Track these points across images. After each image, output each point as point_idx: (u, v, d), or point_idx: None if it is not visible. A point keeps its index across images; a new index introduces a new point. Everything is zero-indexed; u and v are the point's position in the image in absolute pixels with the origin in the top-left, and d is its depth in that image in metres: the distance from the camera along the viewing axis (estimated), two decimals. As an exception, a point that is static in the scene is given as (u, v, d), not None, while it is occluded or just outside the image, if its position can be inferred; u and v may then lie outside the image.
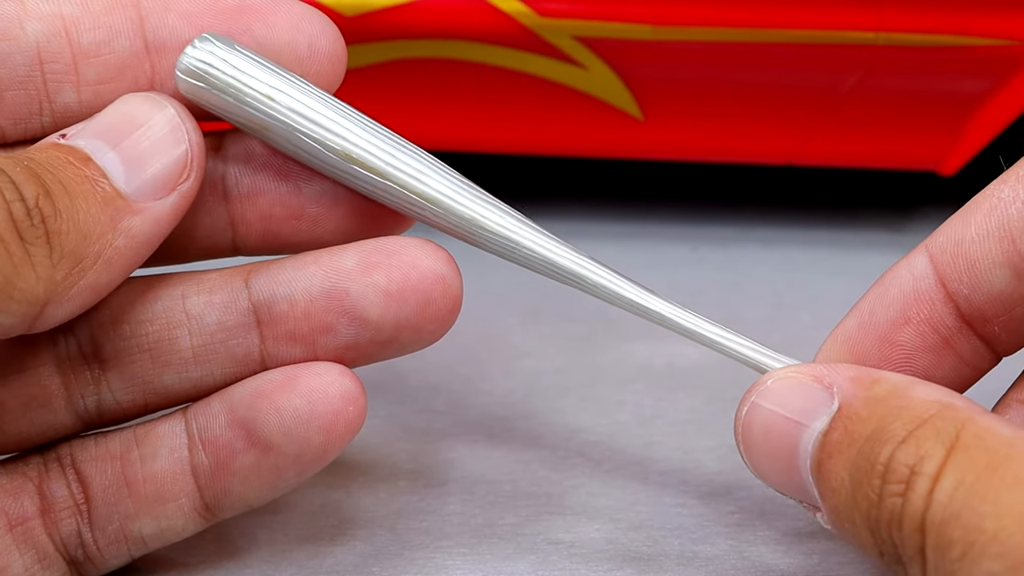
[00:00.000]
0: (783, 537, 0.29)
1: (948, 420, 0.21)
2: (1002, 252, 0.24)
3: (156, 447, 0.26)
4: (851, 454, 0.22)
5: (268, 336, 0.26)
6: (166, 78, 0.25)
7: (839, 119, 0.38)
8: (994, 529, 0.20)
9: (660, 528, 0.29)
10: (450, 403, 0.33)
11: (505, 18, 0.36)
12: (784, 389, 0.24)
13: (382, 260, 0.25)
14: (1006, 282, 0.25)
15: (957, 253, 0.25)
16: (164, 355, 0.26)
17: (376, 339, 0.26)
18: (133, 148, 0.24)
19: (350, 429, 0.25)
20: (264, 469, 0.26)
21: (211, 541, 0.28)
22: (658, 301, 0.26)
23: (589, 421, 0.33)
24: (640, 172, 0.44)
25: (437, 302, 0.25)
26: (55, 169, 0.23)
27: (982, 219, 0.25)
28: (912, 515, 0.21)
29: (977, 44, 0.36)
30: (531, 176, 0.44)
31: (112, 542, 0.26)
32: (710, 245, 0.41)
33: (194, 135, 0.25)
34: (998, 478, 0.20)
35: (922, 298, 0.25)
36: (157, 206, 0.24)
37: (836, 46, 0.36)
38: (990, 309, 0.25)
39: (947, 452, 0.21)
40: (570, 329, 0.36)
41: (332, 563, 0.28)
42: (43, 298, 0.22)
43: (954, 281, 0.25)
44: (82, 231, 0.23)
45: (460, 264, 0.26)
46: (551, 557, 0.28)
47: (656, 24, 0.36)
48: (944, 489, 0.20)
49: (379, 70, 0.37)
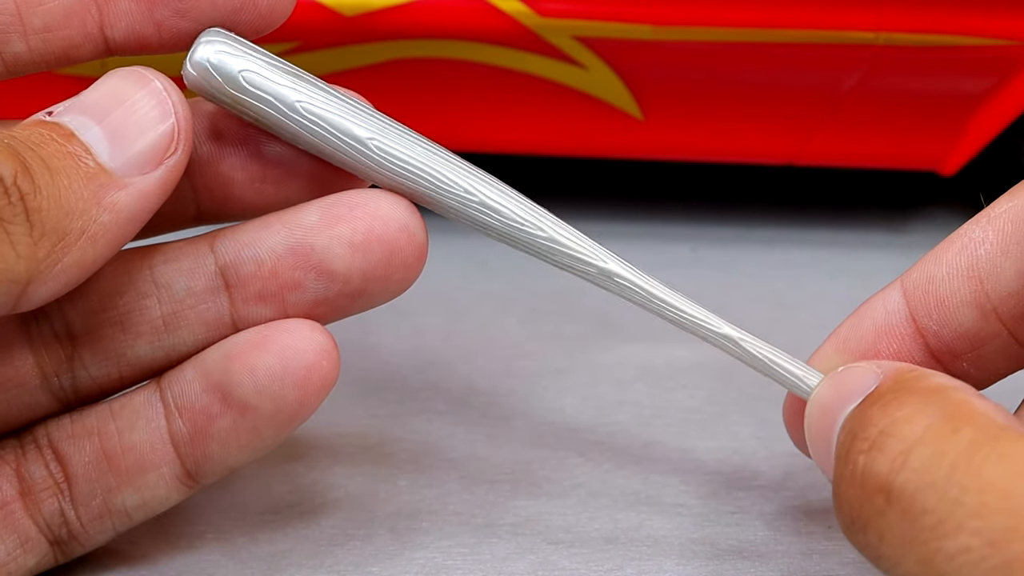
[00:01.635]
0: (783, 537, 0.29)
1: (940, 395, 0.21)
2: (970, 292, 0.25)
3: (133, 419, 0.26)
4: None
5: (237, 298, 0.26)
6: (115, 21, 0.25)
7: (839, 119, 0.38)
8: (975, 503, 0.19)
9: (660, 528, 0.29)
10: (450, 403, 0.33)
11: (505, 18, 0.36)
12: (844, 373, 0.24)
13: (345, 213, 0.25)
14: (973, 320, 0.25)
15: (928, 290, 0.26)
16: (135, 326, 0.26)
17: (345, 291, 0.26)
18: (118, 123, 0.24)
19: (324, 384, 0.25)
20: (242, 431, 0.26)
21: (211, 541, 0.28)
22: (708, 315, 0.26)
23: (589, 421, 0.33)
24: (640, 172, 0.44)
25: (403, 250, 0.25)
26: (36, 146, 0.23)
27: (952, 258, 0.25)
28: (875, 474, 0.21)
29: (977, 44, 0.36)
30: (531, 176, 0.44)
31: (96, 517, 0.26)
32: (710, 245, 0.41)
33: (181, 108, 0.24)
34: (983, 454, 0.20)
35: (893, 332, 0.26)
36: (143, 181, 0.24)
37: (836, 46, 0.36)
38: (958, 346, 0.26)
39: (929, 421, 0.21)
40: (570, 329, 0.36)
41: (332, 563, 0.28)
42: (25, 277, 0.22)
43: (924, 317, 0.26)
44: (64, 207, 0.23)
45: (460, 264, 0.26)
46: (551, 557, 0.28)
47: (656, 24, 0.36)
48: (921, 456, 0.20)
49: (379, 70, 0.37)
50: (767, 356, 0.26)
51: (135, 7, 0.25)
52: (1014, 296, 0.25)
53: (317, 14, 0.36)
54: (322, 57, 0.36)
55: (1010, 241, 0.25)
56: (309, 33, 0.36)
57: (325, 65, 0.36)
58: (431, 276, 0.37)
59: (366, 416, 0.33)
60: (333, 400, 0.33)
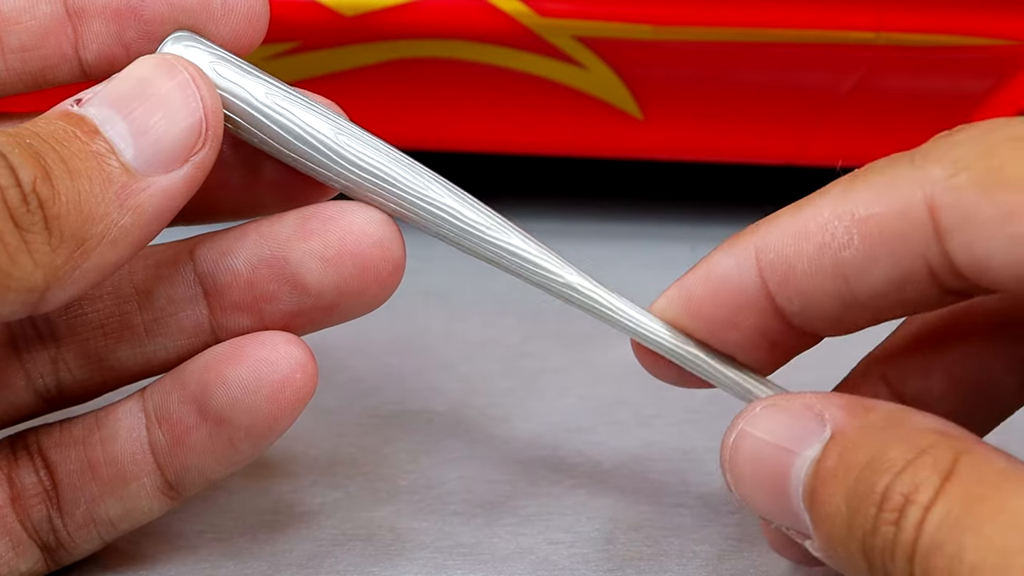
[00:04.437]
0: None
1: (945, 449, 0.21)
2: (835, 288, 0.24)
3: (115, 429, 0.26)
4: (848, 481, 0.22)
5: (216, 307, 0.26)
6: (88, 42, 0.25)
7: (839, 119, 0.38)
8: (975, 560, 0.19)
9: (660, 528, 0.29)
10: (450, 403, 0.33)
11: (505, 18, 0.36)
12: (773, 416, 0.24)
13: (318, 226, 0.25)
14: (836, 310, 0.24)
15: (788, 277, 0.24)
16: (116, 331, 0.26)
17: (319, 305, 0.26)
18: (144, 117, 0.23)
19: (299, 397, 0.25)
20: (218, 443, 0.25)
21: (211, 541, 0.28)
22: (646, 319, 0.26)
23: (589, 421, 0.33)
24: (640, 172, 0.44)
25: (376, 265, 0.25)
26: (59, 144, 0.22)
27: (815, 253, 0.24)
28: (904, 544, 0.21)
29: (977, 44, 0.36)
30: (531, 176, 0.44)
31: (81, 526, 0.26)
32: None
33: (210, 102, 0.24)
34: (984, 509, 0.20)
35: (752, 306, 0.25)
36: (167, 179, 0.23)
37: (836, 46, 0.36)
38: (820, 325, 0.25)
39: (942, 481, 0.21)
40: (570, 329, 0.36)
41: (332, 563, 0.28)
42: (42, 285, 0.22)
43: (784, 300, 0.25)
44: (84, 212, 0.22)
45: (460, 264, 0.26)
46: (551, 557, 0.28)
47: (656, 24, 0.36)
48: (933, 518, 0.20)
49: (379, 70, 0.37)
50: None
51: (105, 29, 0.25)
52: (882, 296, 0.24)
53: (317, 14, 0.36)
54: (322, 57, 0.36)
55: (879, 250, 0.23)
56: (309, 33, 0.36)
57: (325, 65, 0.36)
58: (431, 276, 0.37)
59: (366, 416, 0.33)
60: (333, 400, 0.33)
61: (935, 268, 0.23)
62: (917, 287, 0.23)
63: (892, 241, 0.23)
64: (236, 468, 0.26)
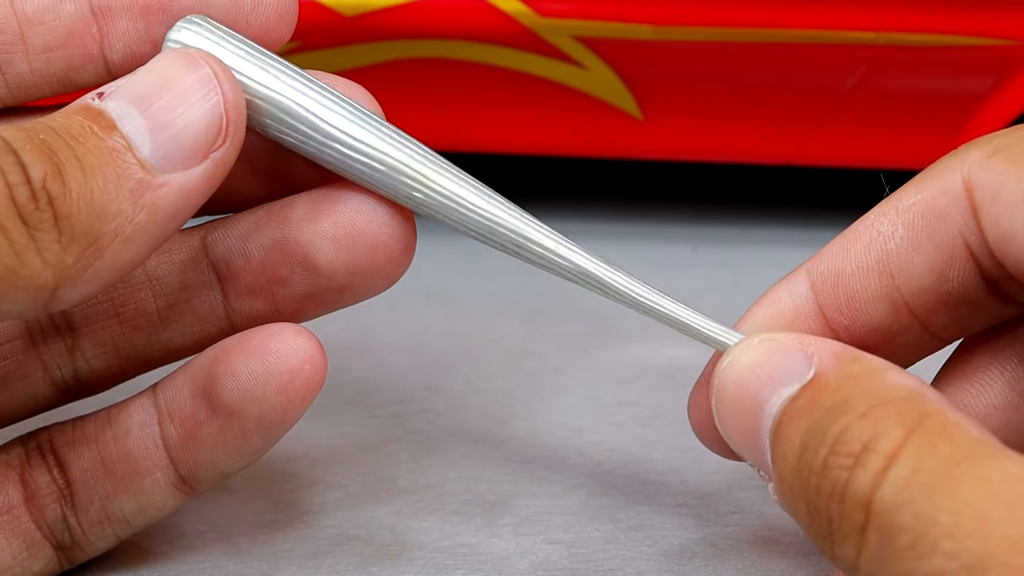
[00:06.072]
0: (782, 536, 0.29)
1: (914, 405, 0.21)
2: (881, 287, 0.25)
3: (128, 425, 0.26)
4: (808, 421, 0.22)
5: (230, 292, 0.26)
6: (115, 41, 0.25)
7: (839, 119, 0.38)
8: (950, 524, 0.19)
9: (660, 528, 0.29)
10: (450, 403, 0.33)
11: (505, 18, 0.36)
12: (766, 350, 0.24)
13: (329, 207, 0.25)
14: (885, 315, 0.25)
15: (837, 285, 0.25)
16: (131, 318, 0.26)
17: (331, 286, 0.26)
18: (163, 112, 0.23)
19: (309, 388, 0.25)
20: (229, 436, 0.25)
21: (211, 541, 0.28)
22: (665, 299, 0.26)
23: (589, 421, 0.33)
24: (640, 172, 0.44)
25: (387, 245, 0.25)
26: (74, 140, 0.22)
27: (862, 252, 0.25)
28: (858, 491, 0.20)
29: (977, 44, 0.36)
30: (531, 176, 0.44)
31: (95, 524, 0.26)
32: (710, 245, 0.41)
33: (232, 97, 0.23)
34: (960, 472, 0.19)
35: (802, 325, 0.25)
36: (185, 176, 0.23)
37: (836, 46, 0.36)
38: (870, 340, 0.25)
39: (906, 435, 0.20)
40: (570, 329, 0.36)
41: (332, 563, 0.28)
42: (52, 284, 0.21)
43: (834, 312, 0.25)
44: (96, 210, 0.22)
45: (460, 264, 0.26)
46: (551, 557, 0.28)
47: (656, 24, 0.36)
48: (900, 472, 0.20)
49: (379, 70, 0.37)
50: (684, 315, 0.25)
51: (132, 27, 0.25)
52: (926, 291, 0.24)
53: (317, 14, 0.36)
54: (322, 57, 0.36)
55: (921, 236, 0.24)
56: (309, 33, 0.36)
57: (325, 65, 0.36)
58: (431, 276, 0.37)
59: (366, 416, 0.33)
60: (334, 400, 0.33)
61: (973, 250, 0.23)
62: (960, 277, 0.24)
63: (933, 223, 0.24)
64: (249, 461, 0.26)
